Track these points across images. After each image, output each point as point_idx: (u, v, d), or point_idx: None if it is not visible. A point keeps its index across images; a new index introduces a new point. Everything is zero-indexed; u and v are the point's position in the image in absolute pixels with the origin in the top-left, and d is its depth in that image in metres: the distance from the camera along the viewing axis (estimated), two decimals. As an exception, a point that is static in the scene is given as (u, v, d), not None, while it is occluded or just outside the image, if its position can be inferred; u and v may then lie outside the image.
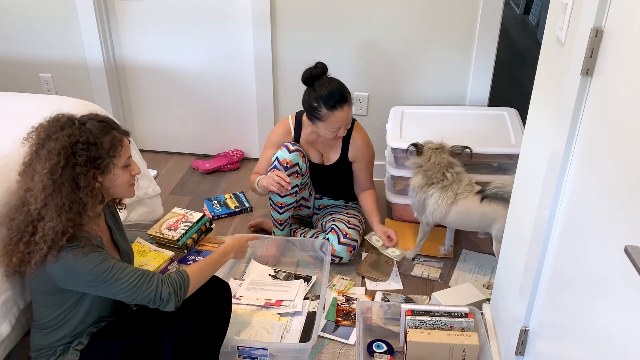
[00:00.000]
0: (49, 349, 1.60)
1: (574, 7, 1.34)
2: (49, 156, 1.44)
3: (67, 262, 1.45)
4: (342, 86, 2.23)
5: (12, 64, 3.25)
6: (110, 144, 1.51)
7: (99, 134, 1.49)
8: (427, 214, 2.30)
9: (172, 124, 3.36)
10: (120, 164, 1.55)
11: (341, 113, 2.21)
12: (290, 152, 2.32)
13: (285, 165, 2.31)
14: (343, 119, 2.23)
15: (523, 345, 1.63)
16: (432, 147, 2.30)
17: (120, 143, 1.54)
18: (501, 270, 2.00)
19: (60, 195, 1.44)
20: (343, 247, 2.38)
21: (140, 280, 1.51)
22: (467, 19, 2.71)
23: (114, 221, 1.76)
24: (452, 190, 2.22)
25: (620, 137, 1.04)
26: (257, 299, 2.16)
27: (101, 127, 1.51)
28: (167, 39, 3.08)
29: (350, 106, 2.25)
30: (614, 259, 1.01)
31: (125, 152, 1.56)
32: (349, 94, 2.25)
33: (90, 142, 1.47)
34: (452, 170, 2.25)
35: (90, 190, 1.48)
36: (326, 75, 2.26)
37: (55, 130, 1.48)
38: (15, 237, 1.50)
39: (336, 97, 2.19)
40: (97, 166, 1.49)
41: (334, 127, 2.25)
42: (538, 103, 1.65)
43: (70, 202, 1.44)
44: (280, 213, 2.42)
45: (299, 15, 2.83)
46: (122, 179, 1.57)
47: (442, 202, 2.22)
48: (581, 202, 1.23)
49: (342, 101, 2.20)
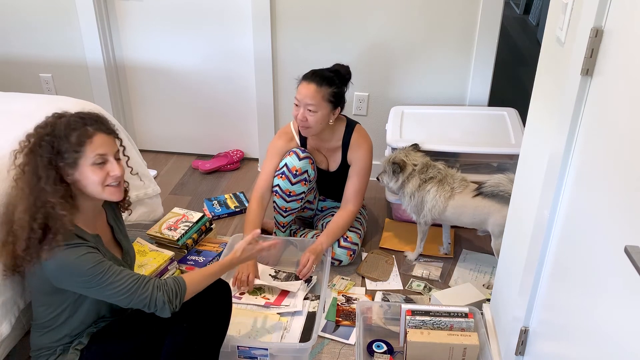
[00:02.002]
0: (49, 348, 1.60)
1: (574, 7, 1.34)
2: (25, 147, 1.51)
3: (63, 261, 1.45)
4: (331, 78, 2.22)
5: (12, 64, 3.25)
6: (78, 139, 1.48)
7: (66, 128, 1.49)
8: (425, 212, 2.30)
9: (172, 124, 3.36)
10: (88, 161, 1.50)
11: (304, 86, 2.21)
12: (300, 159, 2.31)
13: (294, 173, 2.31)
14: (302, 91, 2.20)
15: (523, 345, 1.63)
16: (405, 154, 2.32)
17: (89, 139, 1.49)
18: (501, 270, 2.00)
19: (23, 180, 1.49)
20: (343, 251, 2.38)
21: (135, 285, 1.50)
22: (467, 19, 2.71)
23: (115, 220, 1.76)
24: (448, 184, 2.25)
25: (620, 137, 1.04)
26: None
27: (73, 121, 1.50)
28: (167, 39, 3.08)
29: (318, 92, 2.19)
30: (614, 259, 1.01)
31: (93, 150, 1.50)
32: (330, 88, 2.21)
33: (55, 134, 1.48)
34: (439, 163, 2.31)
35: (53, 181, 1.47)
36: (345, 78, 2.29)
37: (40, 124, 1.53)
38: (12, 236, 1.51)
39: (313, 74, 2.22)
40: (62, 159, 1.48)
41: (296, 98, 2.23)
42: (538, 103, 1.65)
43: (31, 188, 1.47)
44: (284, 217, 2.41)
45: (299, 15, 2.83)
46: (91, 176, 1.51)
47: (440, 197, 2.24)
48: (581, 202, 1.23)
49: (313, 78, 2.20)
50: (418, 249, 2.45)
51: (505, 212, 2.02)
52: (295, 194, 2.34)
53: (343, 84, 2.29)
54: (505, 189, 2.13)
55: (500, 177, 2.18)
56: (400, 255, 2.50)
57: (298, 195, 2.35)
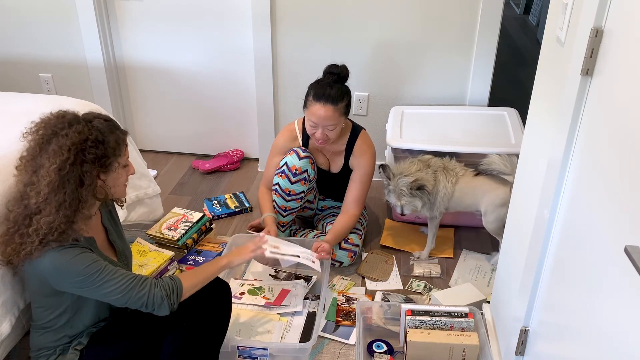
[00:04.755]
0: (49, 349, 1.60)
1: (574, 7, 1.34)
2: (59, 151, 1.44)
3: (58, 261, 1.45)
4: (341, 90, 2.19)
5: (12, 64, 3.25)
6: (115, 143, 1.52)
7: (107, 132, 1.50)
8: (438, 203, 2.34)
9: (172, 124, 3.36)
10: (123, 163, 1.57)
11: (320, 107, 2.17)
12: (301, 158, 2.31)
13: (293, 172, 2.31)
14: (320, 114, 2.17)
15: (523, 345, 1.63)
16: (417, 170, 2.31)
17: (124, 142, 1.57)
18: (501, 270, 2.00)
19: (63, 191, 1.44)
20: (344, 253, 2.37)
21: (132, 284, 1.50)
22: (467, 19, 2.72)
23: (111, 222, 1.75)
24: (453, 171, 2.32)
25: (620, 137, 1.04)
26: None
27: (107, 125, 1.53)
28: (167, 39, 3.08)
29: (335, 111, 2.17)
30: (614, 259, 1.01)
31: (127, 152, 1.59)
32: (344, 102, 2.20)
33: (99, 140, 1.48)
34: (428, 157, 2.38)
35: (93, 189, 1.49)
36: (346, 79, 2.26)
37: (62, 126, 1.48)
38: (12, 228, 1.50)
39: (326, 93, 2.17)
40: (102, 164, 1.50)
41: (311, 120, 2.21)
42: (538, 103, 1.65)
43: (72, 198, 1.45)
44: (284, 216, 2.42)
45: (299, 15, 2.83)
46: (121, 178, 1.59)
47: (449, 183, 2.31)
48: (581, 202, 1.23)
49: (327, 99, 2.16)
50: (430, 245, 2.47)
51: (500, 192, 2.19)
52: (295, 193, 2.35)
53: (348, 88, 2.26)
54: (498, 168, 2.23)
55: (493, 157, 2.26)
56: (400, 255, 2.50)
57: (297, 194, 2.35)
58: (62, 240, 1.45)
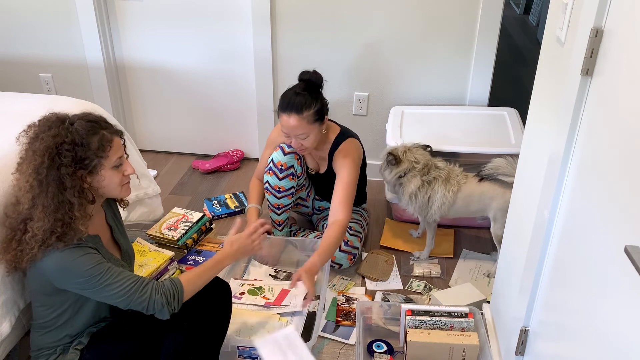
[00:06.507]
0: (49, 348, 1.60)
1: (574, 7, 1.34)
2: (33, 156, 1.43)
3: (62, 262, 1.45)
4: (309, 97, 2.12)
5: (12, 64, 3.25)
6: (99, 144, 1.47)
7: (86, 134, 1.46)
8: (432, 212, 2.32)
9: (172, 124, 3.36)
10: (110, 165, 1.51)
11: (286, 118, 2.13)
12: (285, 154, 2.31)
13: (279, 168, 2.31)
14: (288, 124, 2.13)
15: (523, 345, 1.63)
16: (405, 149, 2.31)
17: (110, 143, 1.51)
18: (501, 270, 2.00)
19: (46, 195, 1.42)
20: (343, 255, 2.37)
21: (134, 287, 1.50)
22: (467, 19, 2.72)
23: (115, 220, 1.76)
24: (454, 179, 2.28)
25: (620, 137, 1.04)
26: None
27: (89, 127, 1.48)
28: (167, 39, 3.08)
29: (301, 120, 2.11)
30: (614, 259, 1.01)
31: (115, 153, 1.52)
32: (312, 109, 2.12)
33: (76, 142, 1.44)
34: (437, 161, 2.33)
35: (78, 191, 1.46)
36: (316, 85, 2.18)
37: (43, 129, 1.46)
38: (10, 235, 1.50)
39: (290, 102, 2.12)
40: (84, 166, 1.46)
41: (283, 130, 2.18)
42: (538, 103, 1.65)
43: (57, 202, 1.43)
44: (279, 214, 2.41)
45: (299, 15, 2.83)
46: (112, 179, 1.53)
47: (449, 193, 2.27)
48: (581, 202, 1.23)
49: (292, 108, 2.11)
50: (430, 245, 2.46)
51: (508, 197, 2.04)
52: (285, 190, 2.34)
53: (318, 94, 2.19)
54: (505, 172, 2.19)
55: (499, 161, 2.22)
56: (400, 255, 2.50)
57: (287, 190, 2.35)
58: (65, 241, 1.45)
